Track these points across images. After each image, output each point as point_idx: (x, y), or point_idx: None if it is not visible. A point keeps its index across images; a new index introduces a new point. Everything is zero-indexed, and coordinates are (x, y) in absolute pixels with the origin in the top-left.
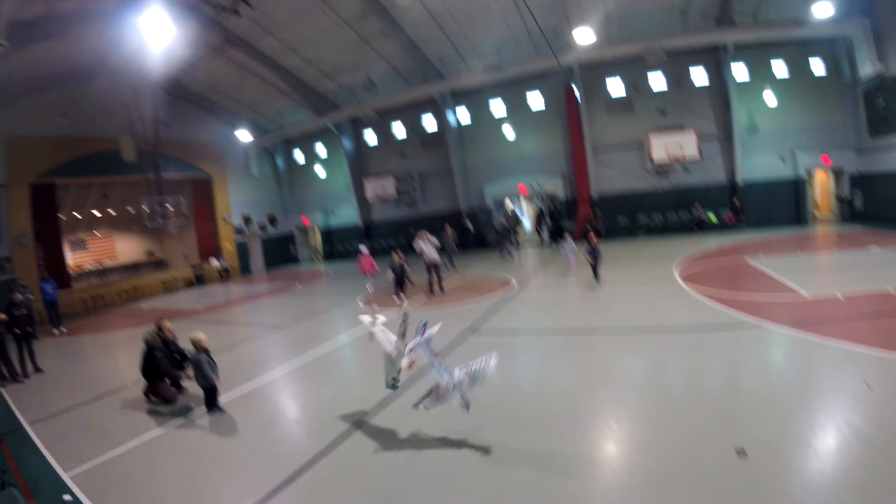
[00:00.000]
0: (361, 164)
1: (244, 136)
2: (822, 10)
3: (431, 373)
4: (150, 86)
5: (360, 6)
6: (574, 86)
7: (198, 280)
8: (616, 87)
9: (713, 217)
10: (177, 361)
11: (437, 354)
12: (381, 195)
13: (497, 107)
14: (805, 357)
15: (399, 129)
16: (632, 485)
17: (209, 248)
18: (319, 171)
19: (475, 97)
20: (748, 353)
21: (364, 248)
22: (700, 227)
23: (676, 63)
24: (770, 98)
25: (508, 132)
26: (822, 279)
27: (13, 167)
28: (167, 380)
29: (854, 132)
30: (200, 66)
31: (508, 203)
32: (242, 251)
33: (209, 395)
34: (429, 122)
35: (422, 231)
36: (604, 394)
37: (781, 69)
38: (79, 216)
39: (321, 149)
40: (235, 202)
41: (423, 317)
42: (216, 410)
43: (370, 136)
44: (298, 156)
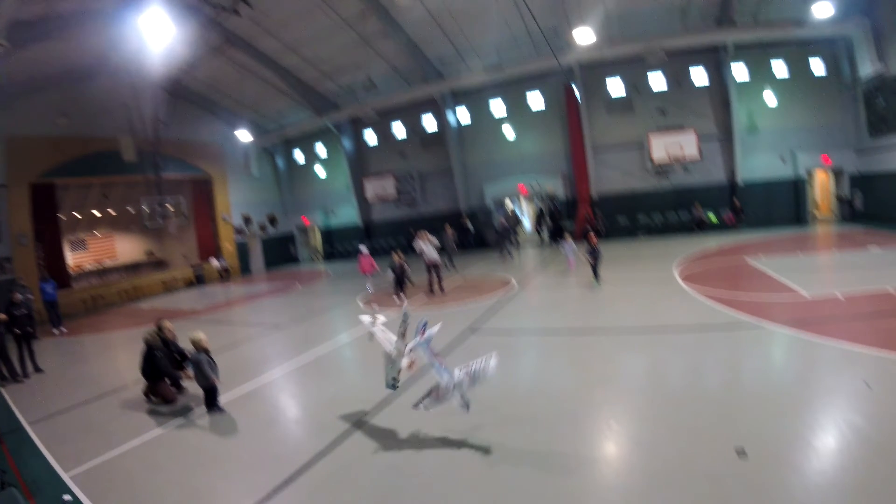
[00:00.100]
0: (361, 164)
1: (244, 136)
2: (822, 10)
3: (431, 373)
4: (150, 86)
5: (360, 6)
6: (574, 86)
7: (198, 280)
8: (616, 87)
9: (713, 217)
10: (177, 361)
11: (437, 354)
12: (381, 195)
13: (497, 107)
14: (805, 357)
15: (399, 129)
16: (632, 484)
17: (209, 248)
18: (319, 171)
19: (475, 97)
20: (748, 353)
21: (364, 248)
22: (700, 227)
23: (676, 63)
24: (770, 98)
25: (508, 132)
26: (822, 279)
27: (13, 167)
28: (167, 380)
29: (854, 132)
30: (200, 66)
31: (508, 203)
32: (242, 251)
33: (209, 395)
34: (429, 122)
35: (422, 231)
36: (604, 393)
37: (781, 69)
38: (79, 216)
39: (321, 149)
40: (235, 202)
41: (423, 317)
42: (216, 410)
43: (370, 136)
44: (298, 156)
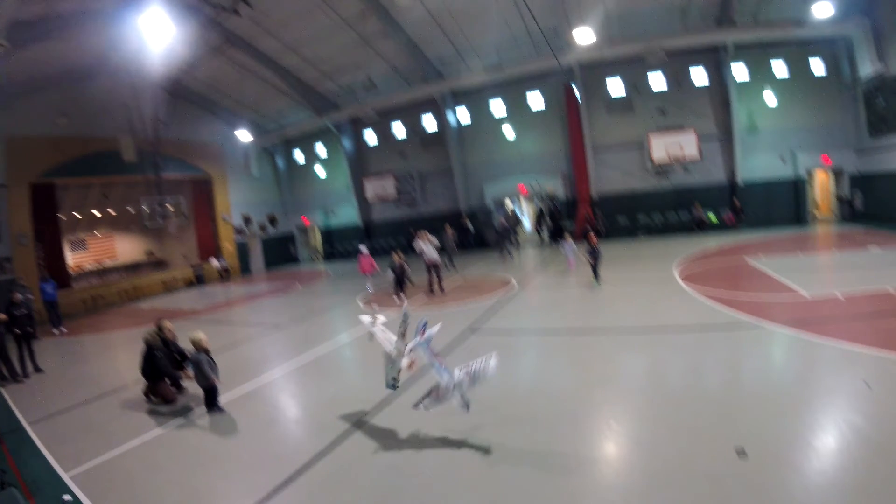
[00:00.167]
0: (361, 164)
1: (244, 136)
2: (822, 10)
3: (431, 372)
4: (150, 86)
5: (360, 6)
6: (574, 86)
7: (198, 280)
8: (616, 87)
9: (713, 217)
10: (177, 361)
11: (437, 354)
12: (381, 195)
13: (497, 107)
14: (805, 357)
15: (399, 129)
16: (632, 484)
17: (209, 248)
18: (319, 171)
19: (475, 97)
20: (748, 353)
21: (364, 249)
22: (700, 227)
23: (676, 63)
24: (770, 98)
25: (508, 132)
26: (822, 279)
27: (13, 167)
28: (167, 380)
29: (854, 132)
30: (200, 66)
31: (508, 203)
32: (242, 251)
33: (209, 395)
34: (429, 122)
35: (422, 231)
36: (604, 393)
37: (781, 69)
38: (79, 216)
39: (321, 149)
40: (235, 202)
41: (423, 317)
42: (216, 410)
43: (370, 136)
44: (298, 156)
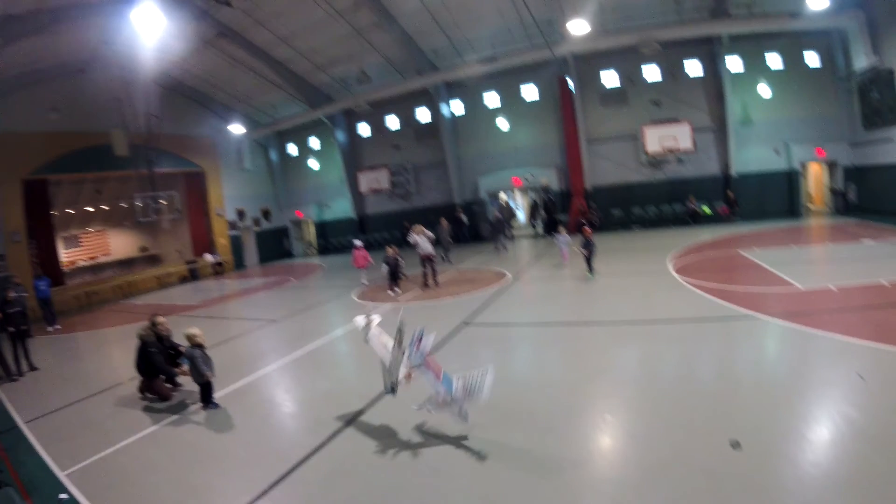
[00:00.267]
0: (355, 157)
1: (237, 130)
2: (818, 2)
3: (430, 380)
4: (142, 79)
5: None
6: (568, 77)
7: (192, 275)
8: (610, 79)
9: (707, 209)
10: (171, 357)
11: (434, 366)
12: (376, 188)
13: (491, 99)
14: (799, 349)
15: (393, 122)
16: (626, 477)
17: (203, 243)
18: (313, 165)
19: (469, 89)
20: (742, 345)
21: (358, 242)
22: (694, 220)
23: (671, 55)
24: (764, 90)
25: (503, 124)
26: (816, 271)
27: (5, 164)
28: (162, 376)
29: (848, 125)
30: (192, 59)
31: (503, 195)
32: (236, 246)
33: (204, 391)
34: (423, 115)
35: (416, 224)
36: (598, 386)
37: (776, 61)
38: (72, 212)
39: (315, 142)
40: (229, 196)
41: (420, 327)
42: (211, 406)
43: (364, 129)
44: (292, 149)
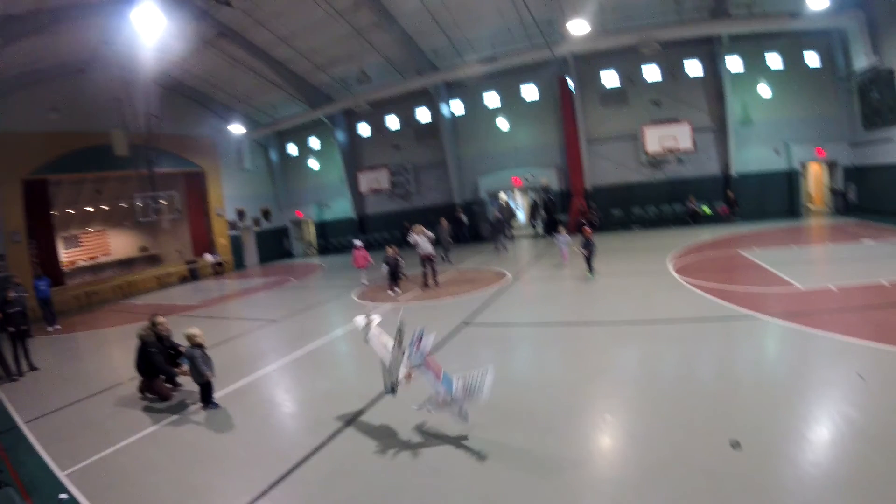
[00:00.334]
0: (355, 157)
1: (237, 129)
2: (818, 2)
3: (429, 380)
4: (142, 79)
5: None
6: (568, 77)
7: (192, 275)
8: (610, 79)
9: (707, 209)
10: (171, 357)
11: (434, 366)
12: (376, 188)
13: (491, 99)
14: (799, 349)
15: (393, 122)
16: (626, 477)
17: (203, 243)
18: (313, 165)
19: (469, 89)
20: (742, 345)
21: (358, 242)
22: (694, 220)
23: (671, 55)
24: (764, 90)
25: (503, 124)
26: (816, 271)
27: (5, 164)
28: (162, 376)
29: (848, 125)
30: (192, 59)
31: (503, 195)
32: (236, 246)
33: (204, 391)
34: (423, 115)
35: (416, 224)
36: (598, 386)
37: (776, 61)
38: (72, 212)
39: (315, 142)
40: (229, 196)
41: (420, 327)
42: (211, 406)
43: (364, 129)
44: (292, 149)
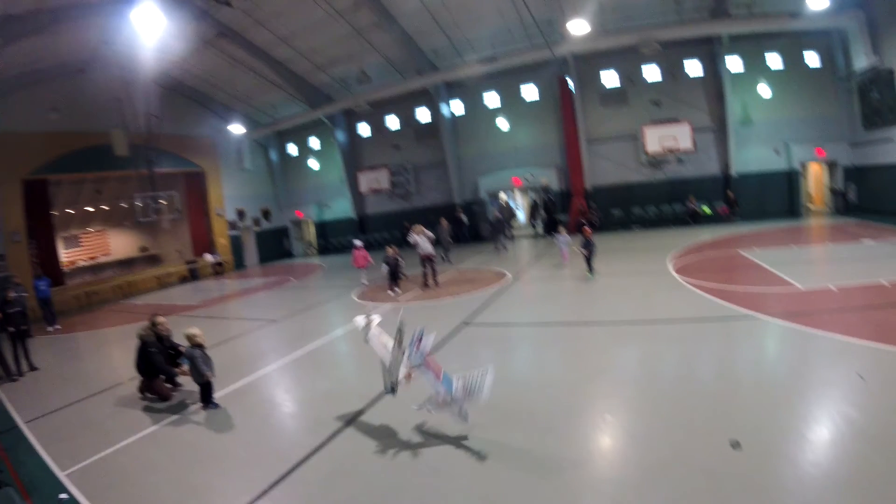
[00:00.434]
0: (355, 157)
1: (237, 129)
2: (818, 2)
3: (430, 380)
4: (142, 79)
5: None
6: (568, 77)
7: (192, 275)
8: (610, 79)
9: (707, 209)
10: (171, 357)
11: (434, 366)
12: (376, 188)
13: (491, 99)
14: (799, 349)
15: (393, 122)
16: (627, 477)
17: (203, 243)
18: (313, 165)
19: (469, 89)
20: (742, 345)
21: (358, 242)
22: (694, 220)
23: (671, 55)
24: (764, 90)
25: (503, 124)
26: (816, 271)
27: (5, 164)
28: (162, 376)
29: (848, 125)
30: (192, 59)
31: (503, 195)
32: (236, 246)
33: (204, 391)
34: (423, 115)
35: (416, 224)
36: (598, 386)
37: (776, 61)
38: (72, 212)
39: (315, 142)
40: (229, 196)
41: (420, 326)
42: (211, 406)
43: (364, 129)
44: (292, 149)
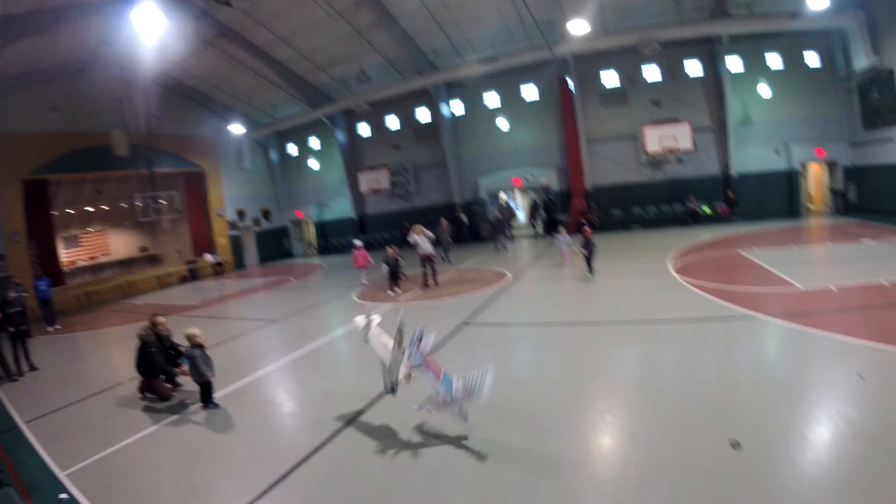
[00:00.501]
0: (355, 157)
1: (237, 129)
2: (818, 3)
3: (430, 380)
4: (142, 79)
5: None
6: (568, 77)
7: (192, 275)
8: (610, 79)
9: (707, 209)
10: (171, 357)
11: (434, 366)
12: (376, 188)
13: (491, 99)
14: (799, 349)
15: (393, 122)
16: (627, 477)
17: (203, 243)
18: (313, 165)
19: (469, 89)
20: (742, 345)
21: (358, 242)
22: (694, 220)
23: (671, 55)
24: (764, 90)
25: (503, 124)
26: (816, 271)
27: (5, 164)
28: (162, 376)
29: (848, 125)
30: (192, 59)
31: (503, 195)
32: (236, 246)
33: (204, 391)
34: (423, 115)
35: (416, 224)
36: (598, 386)
37: (776, 61)
38: (72, 212)
39: (315, 142)
40: (229, 196)
41: (420, 327)
42: (211, 406)
43: (364, 129)
44: (292, 149)
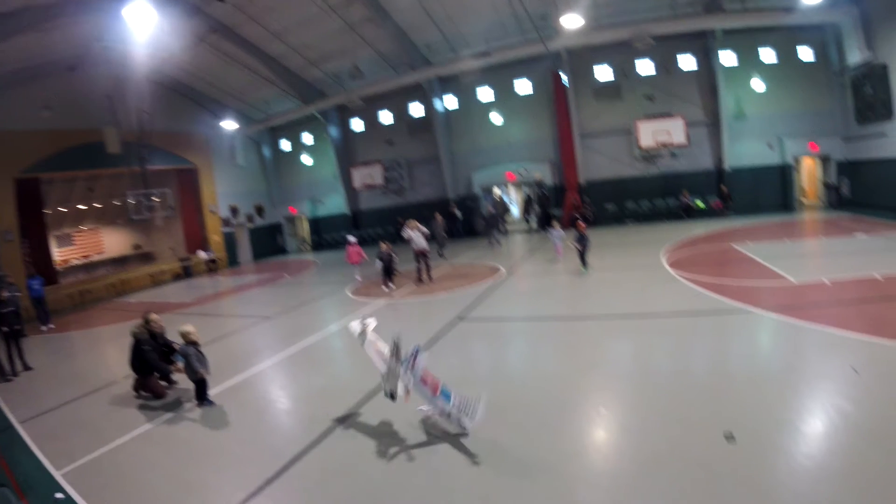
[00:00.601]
0: (348, 153)
1: (230, 126)
2: None
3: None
4: (135, 76)
5: None
6: (562, 72)
7: (185, 272)
8: (604, 73)
9: (701, 203)
10: (165, 355)
11: (431, 382)
12: (369, 183)
13: (485, 93)
14: (792, 342)
15: (386, 117)
16: (621, 470)
17: (196, 240)
18: (306, 160)
19: (463, 84)
20: (736, 339)
21: (352, 238)
22: (688, 214)
23: (664, 49)
24: (758, 84)
25: (496, 119)
26: (810, 265)
27: None
28: (156, 374)
29: (842, 119)
30: (185, 56)
31: (496, 190)
32: (230, 243)
33: (199, 388)
34: (416, 110)
35: (410, 220)
36: (593, 380)
37: (770, 56)
38: (64, 210)
39: (308, 137)
40: (222, 192)
41: (416, 344)
42: (206, 403)
43: (357, 124)
44: (285, 145)
